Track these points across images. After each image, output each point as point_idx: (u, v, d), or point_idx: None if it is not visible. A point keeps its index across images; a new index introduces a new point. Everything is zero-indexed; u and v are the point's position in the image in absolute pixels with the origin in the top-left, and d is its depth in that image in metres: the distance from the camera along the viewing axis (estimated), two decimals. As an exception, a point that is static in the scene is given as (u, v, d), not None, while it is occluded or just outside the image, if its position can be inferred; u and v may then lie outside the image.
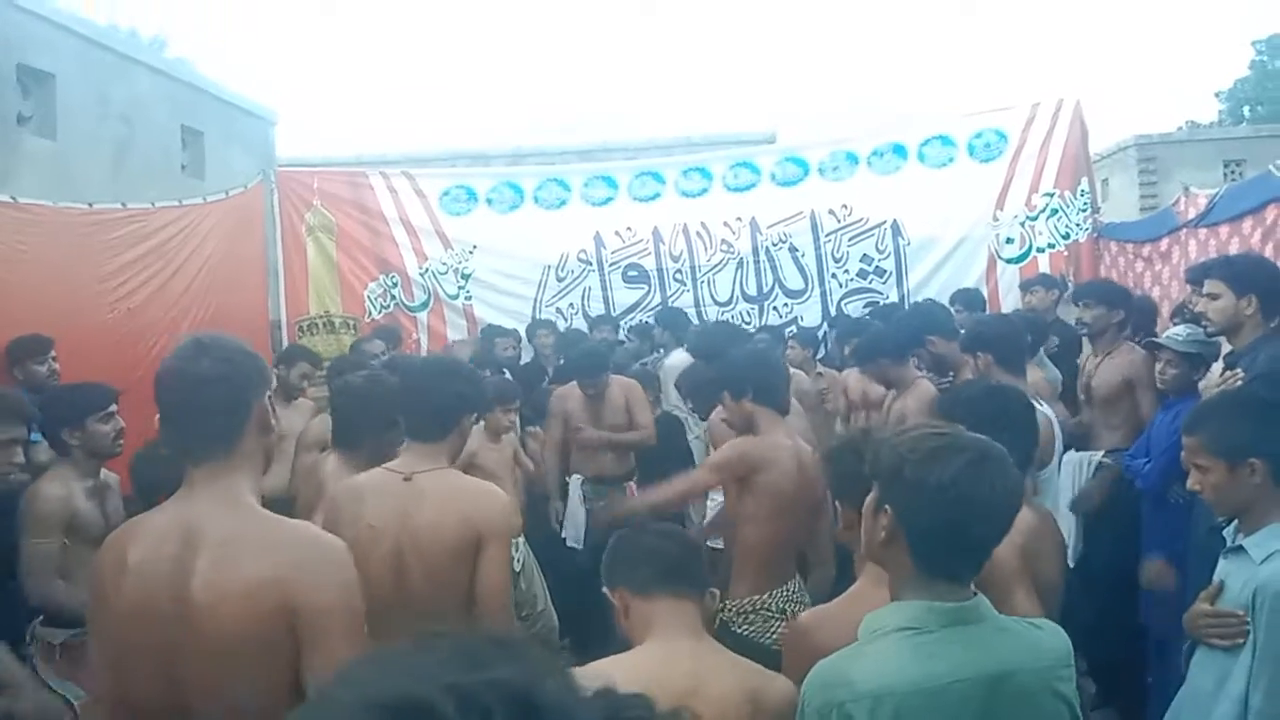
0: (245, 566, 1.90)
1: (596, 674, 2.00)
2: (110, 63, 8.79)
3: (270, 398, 2.06)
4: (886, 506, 1.78)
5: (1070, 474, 4.75)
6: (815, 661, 2.28)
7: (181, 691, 1.91)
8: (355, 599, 1.98)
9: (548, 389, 6.18)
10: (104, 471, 3.96)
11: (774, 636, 3.43)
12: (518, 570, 4.29)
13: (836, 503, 2.47)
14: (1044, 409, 3.95)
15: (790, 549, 3.65)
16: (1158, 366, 4.36)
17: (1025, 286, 7.00)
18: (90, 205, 5.93)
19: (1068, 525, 4.60)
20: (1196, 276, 5.02)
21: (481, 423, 5.12)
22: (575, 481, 5.66)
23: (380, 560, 2.81)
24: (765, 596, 3.54)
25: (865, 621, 1.79)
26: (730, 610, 3.56)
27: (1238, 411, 2.61)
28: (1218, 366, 4.29)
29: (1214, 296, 3.76)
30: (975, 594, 1.77)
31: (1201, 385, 4.27)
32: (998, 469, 1.70)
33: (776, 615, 3.51)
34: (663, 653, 2.03)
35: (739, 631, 3.50)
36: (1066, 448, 4.56)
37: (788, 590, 3.59)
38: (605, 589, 2.21)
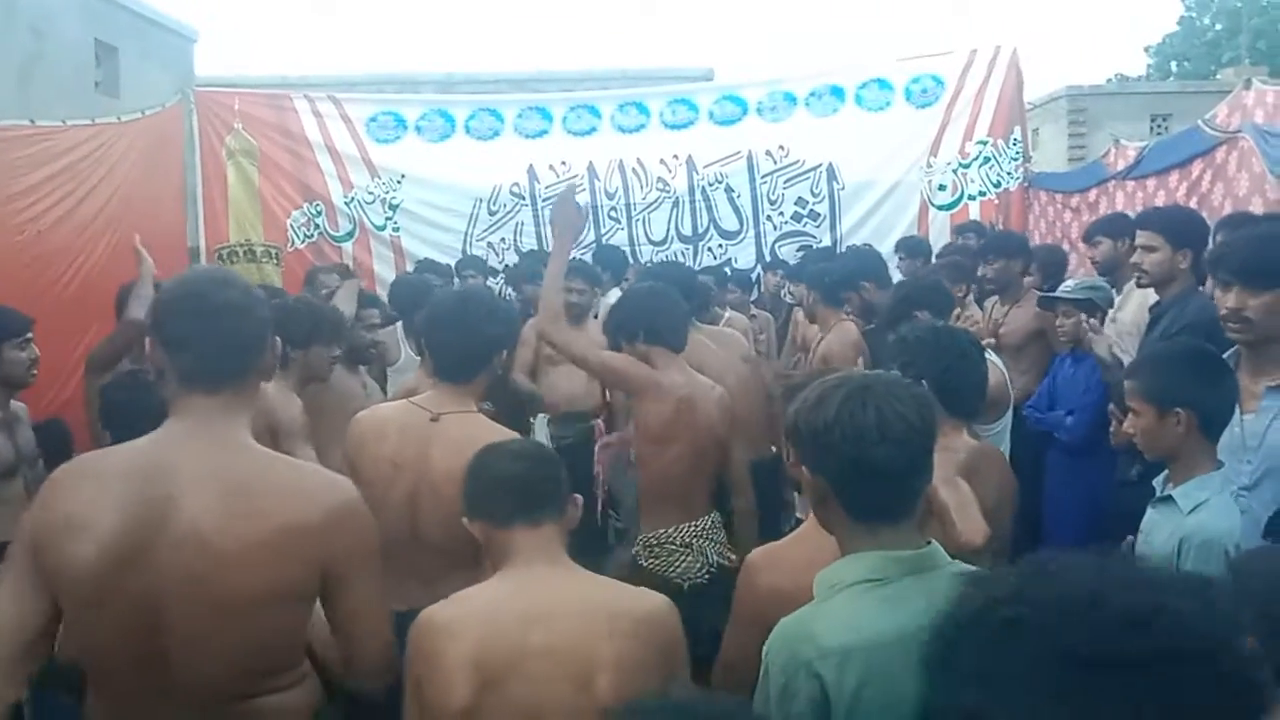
0: (269, 513, 1.80)
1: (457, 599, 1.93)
2: (17, -31, 8.33)
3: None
4: (803, 467, 1.78)
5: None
6: (764, 600, 2.26)
7: (165, 640, 1.79)
8: (377, 545, 1.96)
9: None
10: (13, 402, 3.81)
11: (679, 569, 3.48)
12: None
13: (789, 443, 2.47)
14: (995, 359, 3.98)
15: (697, 484, 3.62)
16: (1056, 321, 4.41)
17: (960, 231, 7.11)
18: (-4, 121, 5.63)
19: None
20: (1094, 233, 5.13)
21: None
22: (541, 420, 5.57)
23: (397, 499, 2.79)
24: (671, 530, 3.54)
25: (819, 578, 1.75)
26: (639, 544, 3.58)
27: (1173, 361, 2.66)
28: (1132, 314, 4.37)
29: (1150, 249, 3.81)
30: (929, 541, 1.76)
31: (1110, 331, 4.35)
32: (883, 393, 1.70)
33: (681, 549, 3.52)
34: (513, 583, 2.02)
35: (644, 565, 3.53)
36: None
37: (697, 525, 3.57)
38: (465, 520, 2.19)
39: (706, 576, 3.47)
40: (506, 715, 1.86)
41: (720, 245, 8.04)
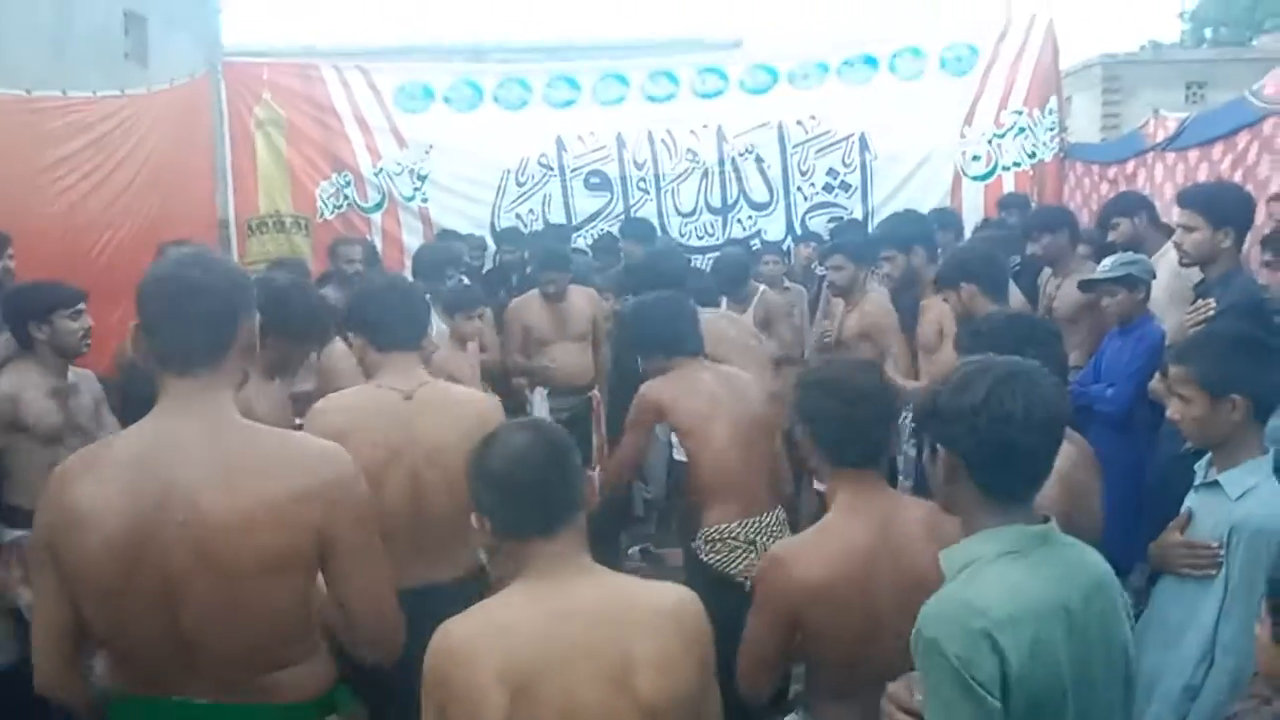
0: (264, 485, 1.83)
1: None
2: (46, -62, 8.30)
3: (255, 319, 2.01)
4: (937, 446, 1.81)
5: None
6: (796, 595, 2.24)
7: (179, 618, 1.84)
8: (373, 511, 1.98)
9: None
10: (73, 370, 3.88)
11: (740, 566, 3.39)
12: None
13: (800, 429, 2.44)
14: None
15: (755, 477, 3.54)
16: (1102, 302, 4.34)
17: (1002, 206, 7.00)
18: (28, 93, 5.62)
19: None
20: (1109, 216, 5.10)
21: (446, 330, 5.07)
22: (540, 394, 5.59)
23: (396, 479, 2.79)
24: (735, 525, 3.46)
25: (949, 556, 1.79)
26: (699, 538, 3.50)
27: (1227, 347, 2.58)
28: (1164, 282, 4.28)
29: (1189, 228, 3.72)
30: (1047, 518, 1.82)
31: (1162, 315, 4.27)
32: (1027, 382, 1.75)
33: (744, 545, 3.44)
34: (532, 590, 1.90)
35: (705, 560, 3.45)
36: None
37: (761, 521, 3.48)
38: (473, 516, 2.03)
39: None
40: None
41: (750, 217, 7.96)
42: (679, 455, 4.83)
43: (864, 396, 2.32)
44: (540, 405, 5.55)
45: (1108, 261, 4.35)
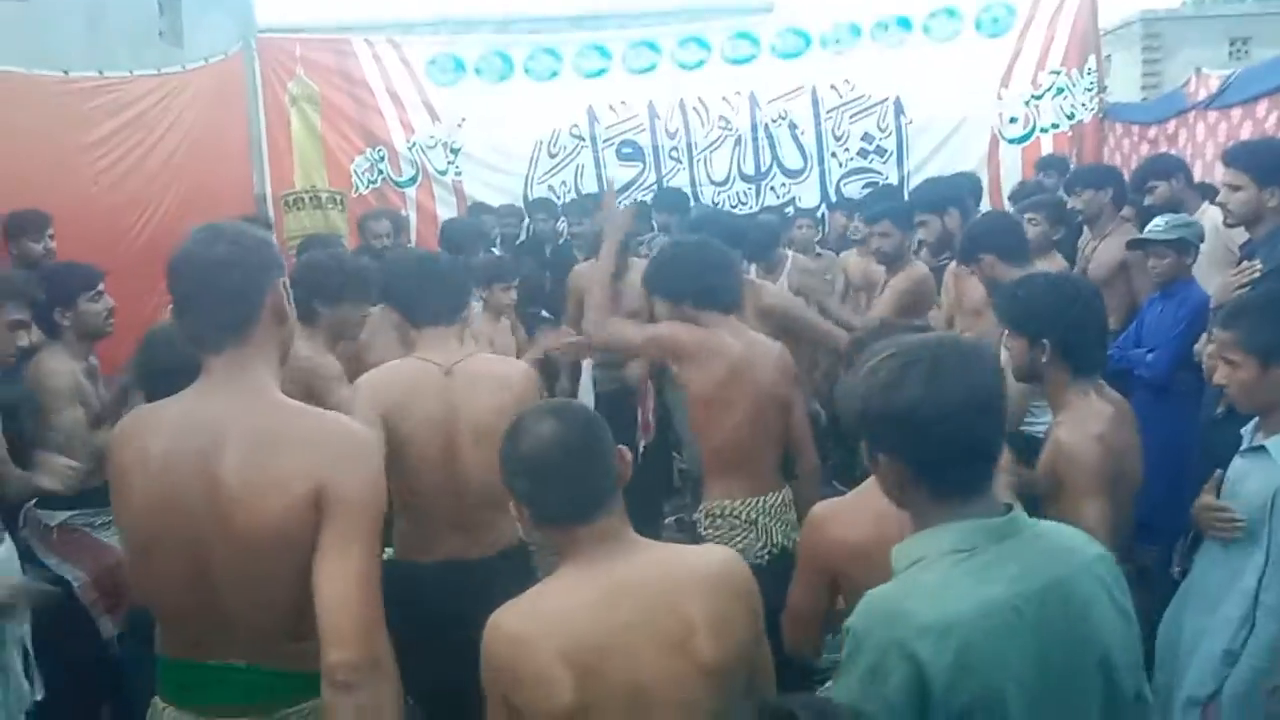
0: (279, 461, 1.87)
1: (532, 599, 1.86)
2: (79, -82, 8.34)
3: (285, 285, 2.02)
4: (878, 455, 1.63)
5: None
6: (830, 553, 2.28)
7: (210, 584, 1.91)
8: (381, 494, 1.96)
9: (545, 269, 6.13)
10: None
11: (739, 546, 3.22)
12: None
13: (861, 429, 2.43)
14: None
15: (763, 453, 3.39)
16: (1149, 263, 4.28)
17: (1040, 168, 6.90)
18: (66, 73, 5.68)
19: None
20: (1145, 179, 5.03)
21: (481, 302, 5.09)
22: (586, 365, 5.58)
23: (437, 452, 2.86)
24: (738, 503, 3.32)
25: (899, 552, 1.66)
26: (701, 512, 3.43)
27: (1277, 310, 2.54)
28: (1207, 241, 4.22)
29: (1235, 187, 3.66)
30: (1010, 506, 1.66)
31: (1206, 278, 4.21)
32: (957, 363, 1.56)
33: (744, 525, 3.31)
34: (580, 572, 1.91)
35: (703, 535, 3.35)
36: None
37: (766, 501, 3.33)
38: (512, 505, 2.02)
39: (766, 557, 3.24)
40: (613, 697, 1.82)
41: (784, 184, 7.89)
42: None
43: None
44: (585, 376, 5.55)
45: (1160, 221, 4.27)
